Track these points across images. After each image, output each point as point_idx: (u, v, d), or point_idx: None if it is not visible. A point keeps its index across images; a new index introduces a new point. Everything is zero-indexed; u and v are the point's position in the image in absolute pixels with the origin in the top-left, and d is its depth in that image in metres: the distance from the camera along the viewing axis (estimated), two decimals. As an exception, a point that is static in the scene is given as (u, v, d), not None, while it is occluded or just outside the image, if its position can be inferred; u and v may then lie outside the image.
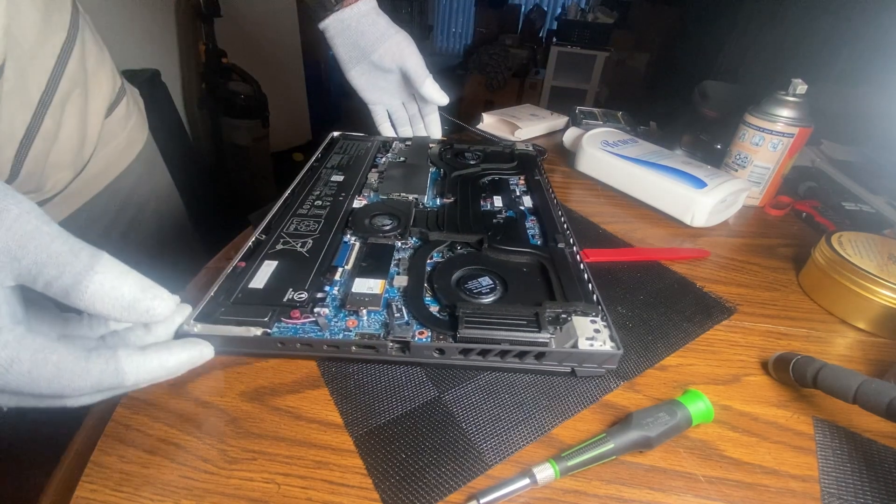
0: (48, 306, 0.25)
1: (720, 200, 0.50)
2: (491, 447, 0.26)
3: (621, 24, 2.82)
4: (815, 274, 0.42)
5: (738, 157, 0.56)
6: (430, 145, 0.56)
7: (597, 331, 0.30)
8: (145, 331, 0.26)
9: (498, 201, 0.45)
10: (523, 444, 0.26)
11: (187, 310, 0.28)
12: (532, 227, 0.43)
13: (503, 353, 0.29)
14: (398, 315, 0.31)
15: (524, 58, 2.99)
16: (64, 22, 0.41)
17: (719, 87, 0.85)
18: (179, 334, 0.28)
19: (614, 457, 0.25)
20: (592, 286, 0.34)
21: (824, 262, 0.41)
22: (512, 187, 0.49)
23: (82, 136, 0.44)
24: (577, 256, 0.37)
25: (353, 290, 0.32)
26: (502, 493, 0.23)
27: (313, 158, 0.50)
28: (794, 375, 0.30)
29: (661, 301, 0.39)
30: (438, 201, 0.45)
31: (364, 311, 0.31)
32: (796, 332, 0.38)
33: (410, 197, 0.44)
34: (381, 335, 0.29)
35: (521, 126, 0.72)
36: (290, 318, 0.30)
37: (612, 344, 0.29)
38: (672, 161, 0.55)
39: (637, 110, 0.81)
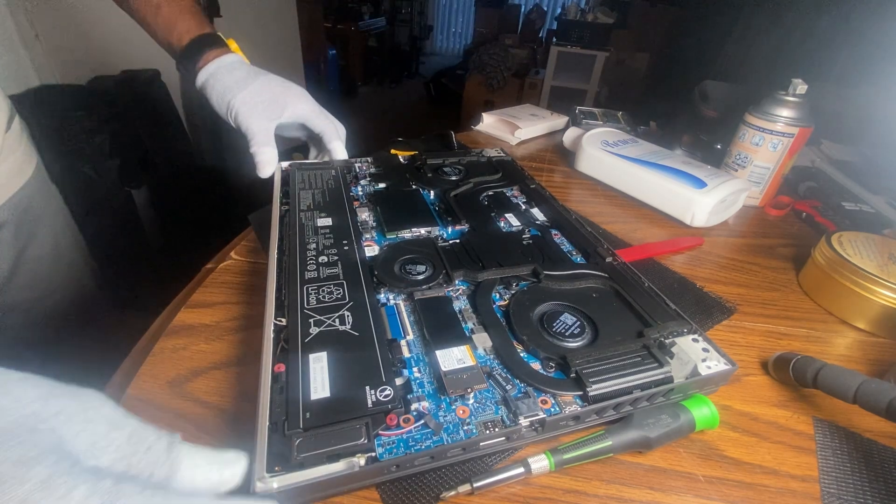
0: None
1: (720, 200, 0.50)
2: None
3: (621, 24, 2.82)
4: (815, 274, 0.42)
5: (738, 157, 0.56)
6: (402, 161, 0.52)
7: (705, 350, 0.29)
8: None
9: (513, 220, 0.43)
10: (524, 444, 0.26)
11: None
12: (560, 241, 0.40)
13: (635, 402, 0.26)
14: (510, 387, 0.26)
15: (524, 58, 2.99)
16: None
17: (719, 87, 0.85)
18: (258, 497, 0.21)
19: (611, 454, 0.25)
20: (665, 299, 0.32)
21: (824, 262, 0.41)
22: (515, 202, 0.46)
23: None
24: (631, 268, 0.35)
25: (444, 367, 0.26)
26: (496, 479, 0.24)
27: (277, 200, 0.42)
28: (794, 375, 0.30)
29: (661, 301, 0.39)
30: (451, 230, 0.41)
31: (471, 392, 0.25)
32: (796, 332, 0.38)
33: (423, 231, 0.40)
34: (505, 417, 0.25)
35: (521, 126, 0.72)
36: (390, 427, 0.23)
37: (725, 360, 0.28)
38: (672, 161, 0.55)
39: (637, 110, 0.81)
